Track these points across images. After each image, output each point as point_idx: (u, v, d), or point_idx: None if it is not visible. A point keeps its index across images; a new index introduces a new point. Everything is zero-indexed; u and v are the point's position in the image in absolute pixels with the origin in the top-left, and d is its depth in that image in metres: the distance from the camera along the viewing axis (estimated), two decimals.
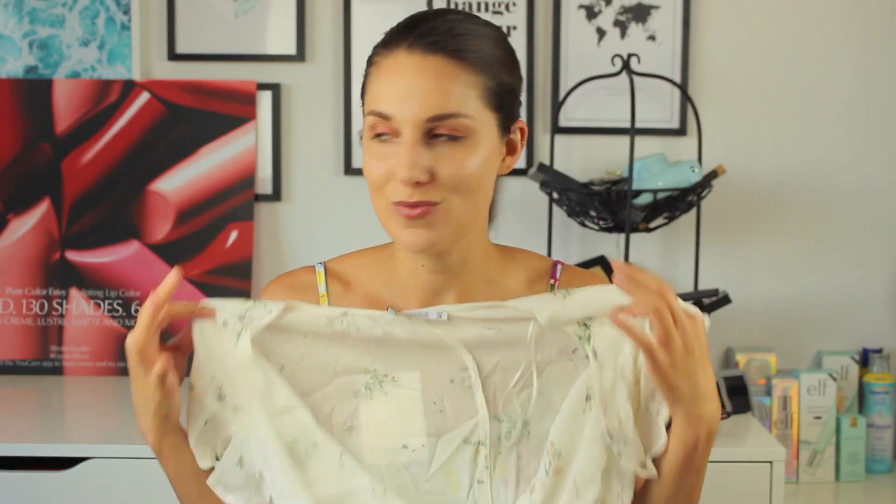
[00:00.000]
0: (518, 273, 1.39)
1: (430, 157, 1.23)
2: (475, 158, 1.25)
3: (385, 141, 1.26)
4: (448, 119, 1.23)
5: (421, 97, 1.22)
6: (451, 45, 1.24)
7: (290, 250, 2.53)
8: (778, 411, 2.28)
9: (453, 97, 1.23)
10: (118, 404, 2.31)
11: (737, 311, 2.46)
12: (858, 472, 2.32)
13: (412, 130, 1.23)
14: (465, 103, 1.24)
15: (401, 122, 1.23)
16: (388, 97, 1.24)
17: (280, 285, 1.41)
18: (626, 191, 2.27)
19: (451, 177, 1.24)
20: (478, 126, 1.25)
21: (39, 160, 2.49)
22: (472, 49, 1.26)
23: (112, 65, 2.50)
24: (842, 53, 2.50)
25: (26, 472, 1.95)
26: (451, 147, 1.24)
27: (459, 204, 1.26)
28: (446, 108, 1.23)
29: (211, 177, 2.49)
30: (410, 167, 1.22)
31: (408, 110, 1.23)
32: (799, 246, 2.52)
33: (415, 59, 1.24)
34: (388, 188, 1.26)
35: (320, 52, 2.51)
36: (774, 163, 2.51)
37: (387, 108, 1.24)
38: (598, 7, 2.48)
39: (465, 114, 1.24)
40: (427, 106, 1.22)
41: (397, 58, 1.24)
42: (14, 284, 2.46)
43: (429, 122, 1.23)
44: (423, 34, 1.25)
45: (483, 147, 1.26)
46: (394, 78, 1.24)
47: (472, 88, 1.25)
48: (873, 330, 2.53)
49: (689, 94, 2.46)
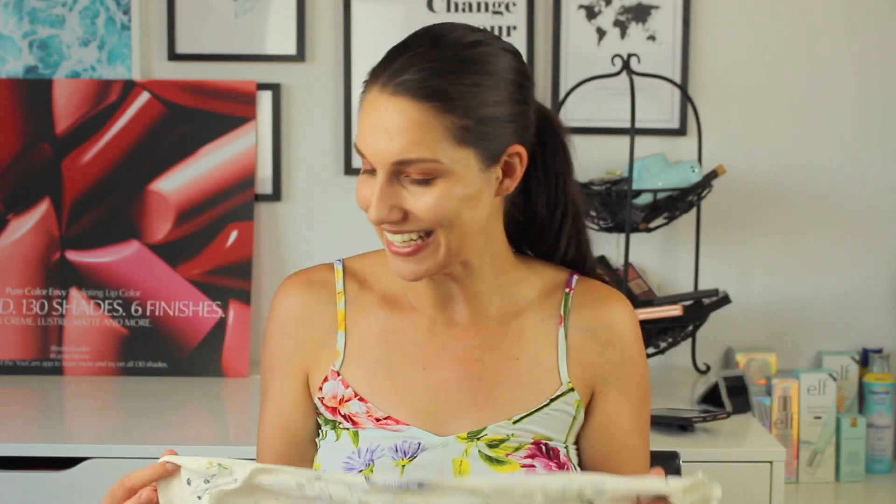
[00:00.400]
0: (532, 282, 1.39)
1: (400, 196, 1.24)
2: (449, 197, 1.23)
3: (369, 174, 1.26)
4: (413, 164, 1.22)
5: (388, 139, 1.21)
6: (422, 87, 1.21)
7: (290, 250, 2.53)
8: (778, 411, 2.28)
9: (420, 142, 1.21)
10: (118, 404, 2.32)
11: (737, 311, 2.46)
12: (858, 472, 2.32)
13: (382, 171, 1.23)
14: (433, 147, 1.21)
15: (373, 161, 1.24)
16: (363, 134, 1.24)
17: (297, 282, 1.41)
18: (626, 191, 2.27)
19: (423, 214, 1.24)
20: (449, 167, 1.22)
21: (39, 160, 2.48)
22: (446, 85, 1.22)
23: (112, 65, 2.50)
24: (842, 53, 2.50)
25: (26, 472, 1.95)
26: (422, 188, 1.23)
27: (445, 237, 1.26)
28: (411, 153, 1.21)
29: (211, 177, 2.49)
30: (377, 208, 1.23)
31: (376, 151, 1.23)
32: (799, 246, 2.52)
33: (384, 99, 1.22)
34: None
35: (320, 52, 2.51)
36: (774, 163, 2.51)
37: (362, 145, 1.25)
38: (598, 7, 2.48)
39: (431, 158, 1.21)
40: (393, 150, 1.21)
41: (370, 94, 1.24)
42: (14, 284, 2.46)
43: (395, 165, 1.22)
44: (398, 71, 1.21)
45: (459, 184, 1.24)
46: (367, 116, 1.24)
47: (442, 131, 1.21)
48: (873, 330, 2.53)
49: (689, 94, 2.46)
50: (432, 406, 1.34)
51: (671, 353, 2.43)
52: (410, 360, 1.36)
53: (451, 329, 1.36)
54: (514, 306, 1.37)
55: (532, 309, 1.38)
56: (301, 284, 1.40)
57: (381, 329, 1.37)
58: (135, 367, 2.44)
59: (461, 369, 1.35)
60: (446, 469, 1.31)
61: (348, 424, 1.34)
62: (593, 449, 1.38)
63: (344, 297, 1.38)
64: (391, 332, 1.37)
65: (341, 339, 1.37)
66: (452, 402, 1.34)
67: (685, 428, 2.04)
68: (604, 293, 1.40)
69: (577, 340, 1.36)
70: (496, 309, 1.37)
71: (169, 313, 2.46)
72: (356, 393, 1.34)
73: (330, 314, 1.38)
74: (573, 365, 1.36)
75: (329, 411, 1.36)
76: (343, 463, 1.32)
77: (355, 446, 1.33)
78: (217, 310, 2.45)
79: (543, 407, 1.34)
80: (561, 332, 1.37)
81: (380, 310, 1.38)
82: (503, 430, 1.32)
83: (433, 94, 1.21)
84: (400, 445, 1.31)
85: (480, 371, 1.35)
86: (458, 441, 1.31)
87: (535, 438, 1.33)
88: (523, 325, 1.37)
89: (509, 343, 1.36)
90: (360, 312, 1.38)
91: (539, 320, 1.37)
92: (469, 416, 1.33)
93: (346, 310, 1.38)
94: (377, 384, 1.35)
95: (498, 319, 1.37)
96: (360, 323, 1.38)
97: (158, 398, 2.29)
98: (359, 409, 1.34)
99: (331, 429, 1.36)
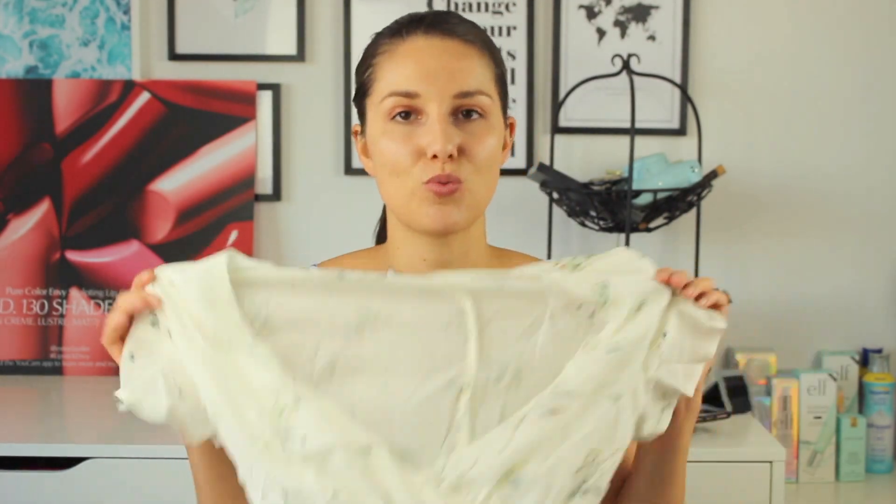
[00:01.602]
0: None
1: (457, 133, 1.26)
2: (492, 139, 1.29)
3: (407, 122, 1.27)
4: (474, 96, 1.27)
5: (448, 74, 1.25)
6: (463, 32, 1.29)
7: (290, 250, 2.53)
8: (778, 411, 2.28)
9: (476, 76, 1.27)
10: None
11: (737, 311, 2.46)
12: (858, 472, 2.32)
13: (440, 107, 1.25)
14: (484, 83, 1.28)
15: (427, 100, 1.25)
16: (411, 77, 1.26)
17: None
18: (626, 191, 2.27)
19: (476, 153, 1.27)
20: (493, 108, 1.29)
21: (39, 160, 2.49)
22: (480, 37, 1.31)
23: (112, 65, 2.50)
24: (842, 53, 2.50)
25: (26, 472, 1.95)
26: (475, 125, 1.27)
27: (479, 184, 1.28)
28: (472, 84, 1.27)
29: (211, 177, 2.49)
30: (445, 140, 1.24)
31: (436, 87, 1.25)
32: (799, 246, 2.52)
33: (434, 41, 1.27)
34: (415, 168, 1.26)
35: (320, 52, 2.51)
36: (774, 163, 2.51)
37: (412, 86, 1.26)
38: (598, 7, 2.48)
39: (486, 92, 1.28)
40: (455, 82, 1.26)
41: (415, 42, 1.28)
42: (14, 284, 2.47)
43: (456, 99, 1.26)
44: (435, 22, 1.29)
45: (497, 129, 1.30)
46: (415, 59, 1.27)
47: (488, 70, 1.30)
48: (873, 330, 2.53)
49: (689, 94, 2.46)
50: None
51: None
52: None
53: None
54: None
55: None
56: None
57: None
58: None
59: None
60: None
61: None
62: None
63: None
64: None
65: None
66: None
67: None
68: None
69: None
70: None
71: None
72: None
73: None
74: None
75: None
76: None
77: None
78: None
79: None
80: None
81: None
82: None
83: (478, 39, 1.30)
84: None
85: None
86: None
87: None
88: None
89: None
90: None
91: None
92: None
93: None
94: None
95: None
96: None
97: None
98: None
99: None
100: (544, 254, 2.45)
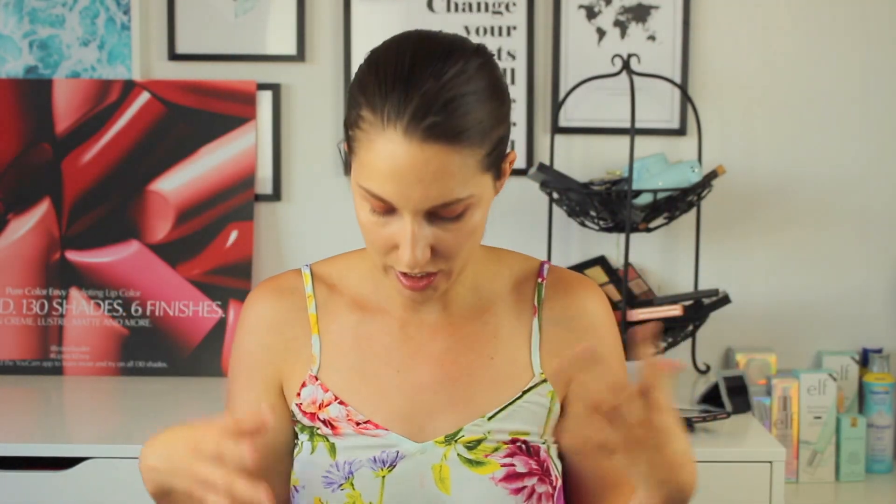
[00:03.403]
0: (503, 274, 1.39)
1: (431, 235, 1.22)
2: (473, 223, 1.24)
3: (383, 214, 1.23)
4: (452, 205, 1.20)
5: (424, 188, 1.18)
6: (449, 127, 1.17)
7: (290, 250, 2.53)
8: (778, 411, 2.28)
9: (454, 184, 1.19)
10: (118, 404, 2.32)
11: (737, 311, 2.46)
12: (858, 472, 2.32)
13: (413, 216, 1.20)
14: (465, 185, 1.20)
15: (401, 207, 1.20)
16: (385, 181, 1.19)
17: (266, 290, 1.39)
18: (626, 191, 2.27)
19: (452, 251, 1.23)
20: (477, 197, 1.23)
21: (39, 160, 2.49)
22: (469, 122, 1.19)
23: (112, 65, 2.50)
24: (842, 53, 2.50)
25: (26, 472, 1.95)
26: (454, 225, 1.22)
27: (458, 264, 1.26)
28: (448, 196, 1.19)
29: (211, 177, 2.49)
30: (415, 254, 1.20)
31: (408, 199, 1.18)
32: (799, 246, 2.52)
33: (413, 146, 1.16)
34: (388, 256, 1.24)
35: (320, 52, 2.51)
36: (774, 163, 2.51)
37: (384, 192, 1.19)
38: (598, 7, 2.48)
39: (465, 197, 1.21)
40: (429, 197, 1.18)
41: (393, 141, 1.17)
42: (14, 284, 2.46)
43: (432, 209, 1.20)
44: (419, 113, 1.16)
45: (481, 207, 1.24)
46: (391, 164, 1.17)
47: (471, 167, 1.20)
48: (873, 330, 2.52)
49: (689, 94, 2.46)
50: (409, 409, 1.32)
51: (671, 353, 2.43)
52: (384, 364, 1.34)
53: (423, 330, 1.35)
54: (487, 301, 1.36)
55: (505, 303, 1.37)
56: (270, 292, 1.38)
57: (353, 334, 1.35)
58: (135, 367, 2.44)
59: (436, 371, 1.34)
60: (426, 476, 1.30)
61: (327, 430, 1.32)
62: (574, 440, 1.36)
63: (314, 301, 1.37)
64: (363, 336, 1.35)
65: (316, 343, 1.36)
66: (428, 404, 1.32)
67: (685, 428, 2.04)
68: (575, 282, 1.40)
69: (550, 331, 1.36)
70: (469, 306, 1.36)
71: (169, 313, 2.46)
72: (336, 396, 1.33)
73: (302, 320, 1.36)
74: (546, 356, 1.35)
75: (307, 417, 1.34)
76: (322, 477, 1.31)
77: (333, 459, 1.31)
78: (217, 310, 2.45)
79: (516, 400, 1.33)
80: (535, 322, 1.36)
81: (351, 314, 1.36)
82: (478, 428, 1.31)
83: (461, 134, 1.18)
84: (378, 456, 1.30)
85: (455, 372, 1.34)
86: (436, 446, 1.30)
87: (511, 436, 1.32)
88: (498, 323, 1.36)
89: (484, 342, 1.35)
90: (331, 317, 1.37)
91: (514, 316, 1.37)
92: (445, 418, 1.32)
93: (318, 314, 1.37)
94: (354, 388, 1.33)
95: (470, 317, 1.36)
96: (331, 328, 1.36)
97: (158, 398, 2.29)
98: (339, 413, 1.32)
99: (307, 438, 1.34)
100: (544, 254, 2.45)
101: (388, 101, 1.18)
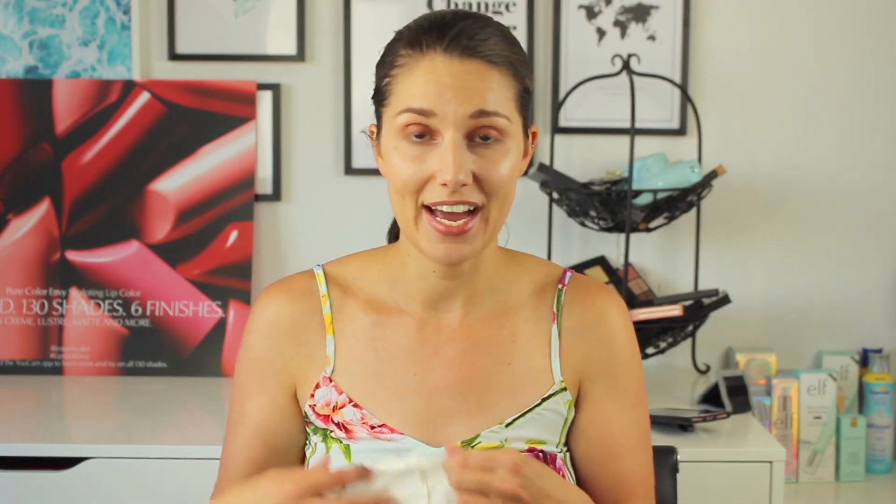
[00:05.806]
0: (523, 279, 1.38)
1: (471, 159, 1.23)
2: (508, 162, 1.26)
3: (420, 142, 1.24)
4: (491, 117, 1.24)
5: (465, 95, 1.23)
6: (485, 50, 1.25)
7: (290, 250, 2.53)
8: (778, 411, 2.28)
9: (494, 96, 1.24)
10: (118, 404, 2.32)
11: (737, 311, 2.46)
12: (858, 472, 2.32)
13: (455, 130, 1.23)
14: (503, 104, 1.25)
15: (442, 120, 1.23)
16: (428, 95, 1.23)
17: (279, 291, 1.38)
18: (626, 191, 2.27)
19: (491, 180, 1.24)
20: (511, 128, 1.26)
21: (39, 160, 2.49)
22: (502, 54, 1.26)
23: (112, 65, 2.50)
24: (842, 53, 2.50)
25: (26, 472, 1.95)
26: (491, 149, 1.25)
27: (495, 210, 1.26)
28: (490, 105, 1.24)
29: (211, 177, 2.49)
30: (457, 169, 1.22)
31: (452, 107, 1.23)
32: (799, 246, 2.52)
33: (454, 61, 1.23)
34: (423, 191, 1.24)
35: (320, 52, 2.51)
36: (774, 163, 2.51)
37: (428, 104, 1.23)
38: (598, 7, 2.48)
39: (504, 114, 1.25)
40: (472, 103, 1.23)
41: (434, 59, 1.24)
42: (14, 284, 2.46)
43: (472, 119, 1.23)
44: (457, 38, 1.24)
45: (514, 150, 1.27)
46: (434, 77, 1.23)
47: (507, 91, 1.26)
48: (873, 330, 2.53)
49: (689, 94, 2.46)
50: (425, 413, 1.31)
51: (671, 353, 2.43)
52: (401, 366, 1.33)
53: (441, 331, 1.34)
54: (506, 305, 1.36)
55: (524, 309, 1.36)
56: (283, 294, 1.37)
57: (369, 336, 1.34)
58: (135, 367, 2.44)
59: (453, 374, 1.33)
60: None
61: (341, 433, 1.32)
62: (586, 448, 1.36)
63: (329, 301, 1.36)
64: (379, 338, 1.34)
65: (331, 343, 1.35)
66: (445, 408, 1.32)
67: (685, 428, 2.04)
68: (595, 290, 1.39)
69: (568, 338, 1.35)
70: (488, 309, 1.35)
71: (169, 313, 2.46)
72: (350, 399, 1.32)
73: (316, 321, 1.36)
74: (565, 364, 1.34)
75: (321, 419, 1.33)
76: None
77: (348, 461, 1.30)
78: (217, 310, 2.45)
79: (535, 407, 1.32)
80: (554, 329, 1.35)
81: (365, 316, 1.35)
82: (496, 435, 1.30)
83: (500, 57, 1.25)
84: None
85: (473, 376, 1.33)
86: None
87: (529, 444, 1.31)
88: (516, 328, 1.35)
89: (501, 347, 1.34)
90: (345, 319, 1.36)
91: (532, 322, 1.36)
92: (462, 423, 1.31)
93: (333, 314, 1.36)
94: (370, 391, 1.32)
95: (489, 321, 1.35)
96: (346, 330, 1.35)
97: (158, 398, 2.29)
98: (353, 415, 1.32)
99: (321, 440, 1.34)
100: (544, 254, 2.45)
101: (427, 35, 1.26)
